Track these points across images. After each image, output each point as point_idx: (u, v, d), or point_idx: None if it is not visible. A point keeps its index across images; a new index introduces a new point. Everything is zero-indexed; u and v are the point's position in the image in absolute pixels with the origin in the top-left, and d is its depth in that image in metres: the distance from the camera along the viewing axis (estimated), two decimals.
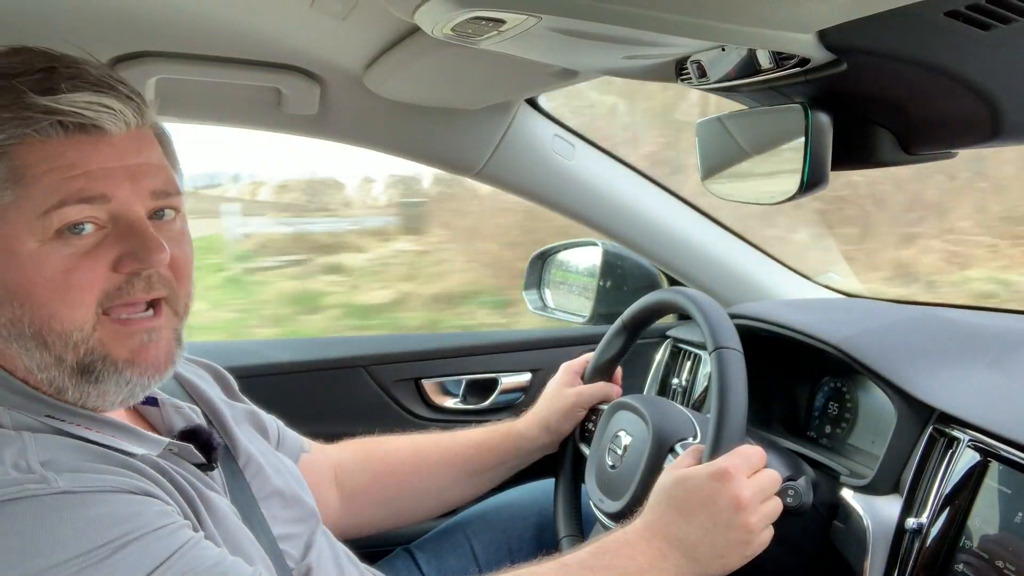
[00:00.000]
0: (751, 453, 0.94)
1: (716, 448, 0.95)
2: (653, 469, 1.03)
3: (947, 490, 0.92)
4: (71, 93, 0.72)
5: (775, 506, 0.94)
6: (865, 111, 0.95)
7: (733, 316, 1.09)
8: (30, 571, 0.62)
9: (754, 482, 0.92)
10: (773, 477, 0.95)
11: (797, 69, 0.86)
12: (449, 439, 1.26)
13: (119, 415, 0.84)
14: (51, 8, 1.07)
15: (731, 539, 0.90)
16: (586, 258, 1.76)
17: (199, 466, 0.83)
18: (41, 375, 0.76)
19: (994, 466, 0.89)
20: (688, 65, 0.96)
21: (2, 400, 0.73)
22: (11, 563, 0.62)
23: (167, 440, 0.81)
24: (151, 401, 0.89)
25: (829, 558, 1.04)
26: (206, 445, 0.84)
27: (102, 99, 0.74)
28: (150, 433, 0.82)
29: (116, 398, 0.78)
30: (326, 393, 1.58)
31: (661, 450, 1.05)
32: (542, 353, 1.69)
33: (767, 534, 0.93)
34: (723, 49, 0.90)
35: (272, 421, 1.12)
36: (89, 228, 0.74)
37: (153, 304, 0.79)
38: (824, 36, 0.79)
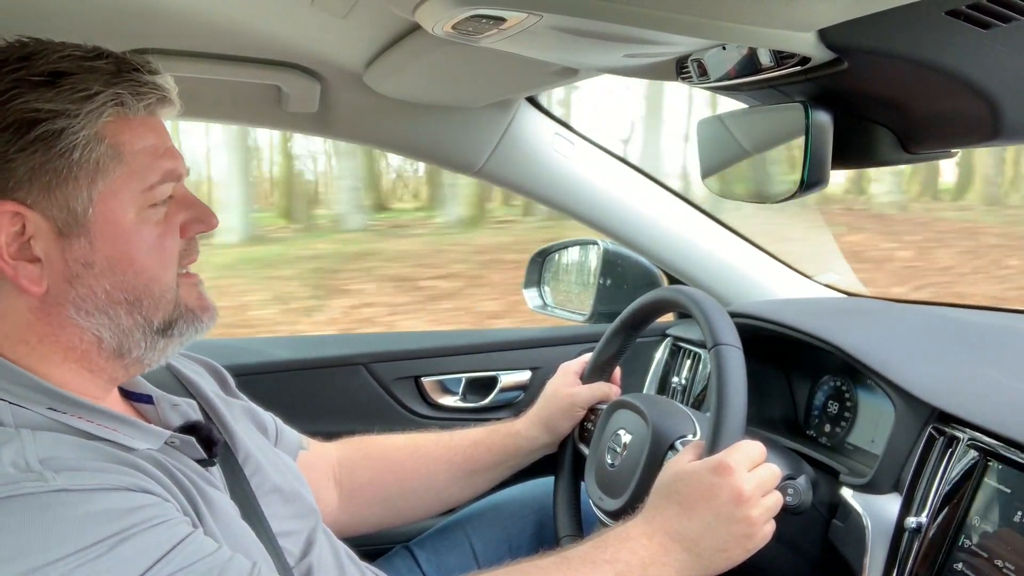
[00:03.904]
0: (751, 447, 0.94)
1: (716, 443, 0.95)
2: (653, 467, 1.03)
3: (946, 489, 0.93)
4: (159, 73, 0.81)
5: (776, 500, 0.94)
6: (865, 110, 0.95)
7: (733, 315, 1.09)
8: (27, 568, 0.62)
9: (754, 476, 0.92)
10: (773, 471, 0.95)
11: (798, 68, 0.86)
12: (448, 438, 1.26)
13: (119, 408, 0.84)
14: (51, 6, 1.07)
15: (733, 533, 0.90)
16: (586, 256, 1.77)
17: (199, 462, 0.83)
18: (114, 341, 0.80)
19: (993, 465, 0.89)
20: (688, 64, 0.96)
21: (5, 393, 0.73)
22: (8, 560, 0.62)
23: (168, 433, 0.81)
24: (146, 399, 0.89)
25: (829, 557, 1.04)
26: (207, 440, 0.85)
27: (168, 80, 0.82)
28: (151, 425, 0.82)
29: (176, 351, 0.86)
30: (326, 391, 1.58)
31: (660, 448, 1.05)
32: (542, 351, 1.69)
33: (769, 528, 0.93)
34: (724, 48, 0.90)
35: (270, 418, 1.12)
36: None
37: None
38: (825, 35, 0.79)
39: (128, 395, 0.90)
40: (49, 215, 0.74)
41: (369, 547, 1.18)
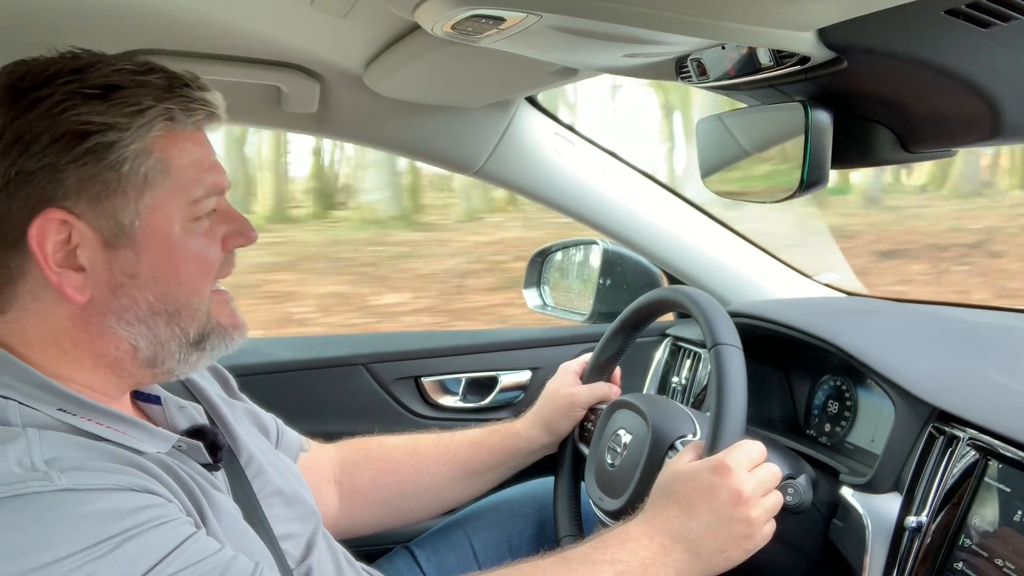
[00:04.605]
0: (751, 448, 0.94)
1: (716, 443, 0.95)
2: (653, 467, 1.03)
3: (946, 488, 0.93)
4: (208, 90, 0.81)
5: (776, 500, 0.95)
6: (865, 109, 0.95)
7: (733, 315, 1.09)
8: (32, 566, 0.62)
9: (754, 476, 0.92)
10: (773, 471, 0.95)
11: (797, 67, 0.86)
12: (448, 439, 1.26)
13: (127, 410, 0.84)
14: (50, 7, 1.07)
15: (733, 533, 0.90)
16: (586, 257, 1.77)
17: (204, 466, 0.83)
18: (150, 351, 0.81)
19: (993, 464, 0.90)
20: (688, 63, 0.96)
21: (16, 393, 0.73)
22: (13, 558, 0.62)
23: (176, 436, 0.81)
24: (154, 399, 0.90)
25: (829, 557, 1.04)
26: (212, 444, 0.85)
27: (216, 96, 0.82)
28: (160, 429, 0.82)
29: (205, 365, 0.86)
30: (326, 391, 1.58)
31: (660, 448, 1.05)
32: (542, 351, 1.69)
33: (769, 528, 0.93)
34: (723, 47, 0.90)
35: (271, 420, 1.12)
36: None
37: None
38: (824, 34, 0.79)
39: (136, 395, 0.90)
40: (96, 226, 0.75)
41: (369, 547, 1.18)
